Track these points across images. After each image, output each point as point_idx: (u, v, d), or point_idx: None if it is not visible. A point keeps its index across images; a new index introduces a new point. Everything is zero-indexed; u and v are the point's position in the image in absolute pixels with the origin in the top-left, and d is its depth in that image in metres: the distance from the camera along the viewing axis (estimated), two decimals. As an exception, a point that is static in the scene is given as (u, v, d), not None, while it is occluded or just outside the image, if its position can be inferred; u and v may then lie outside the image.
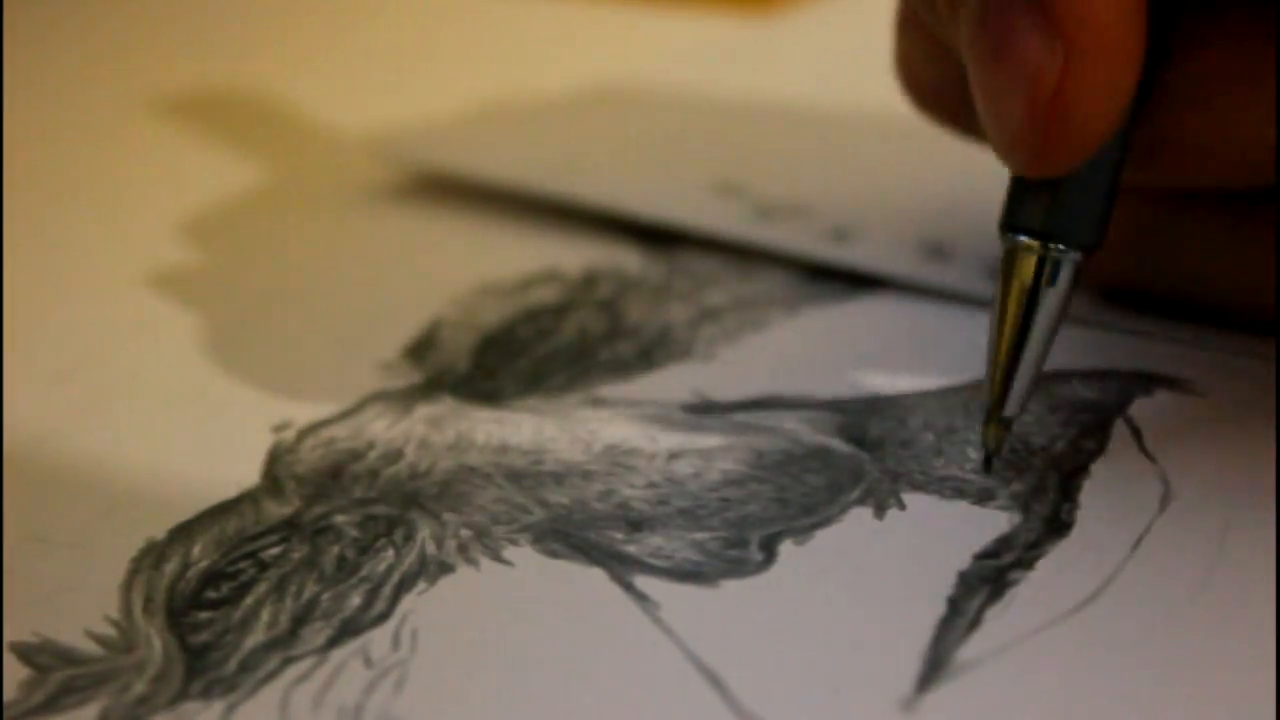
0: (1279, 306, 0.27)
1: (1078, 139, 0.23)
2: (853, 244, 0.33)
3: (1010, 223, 0.25)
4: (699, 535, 0.25)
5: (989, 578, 0.23)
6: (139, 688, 0.22)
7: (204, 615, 0.24)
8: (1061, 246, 0.25)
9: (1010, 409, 0.25)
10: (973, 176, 0.34)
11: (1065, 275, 0.25)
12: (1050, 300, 0.25)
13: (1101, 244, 0.25)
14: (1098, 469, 0.26)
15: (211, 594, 0.24)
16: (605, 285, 0.33)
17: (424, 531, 0.25)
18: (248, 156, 0.42)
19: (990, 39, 0.23)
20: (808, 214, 0.34)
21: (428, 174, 0.38)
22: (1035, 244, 0.25)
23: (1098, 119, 0.23)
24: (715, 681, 0.22)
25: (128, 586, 0.24)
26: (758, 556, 0.24)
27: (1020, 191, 0.25)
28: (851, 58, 0.43)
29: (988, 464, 0.26)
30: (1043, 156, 0.24)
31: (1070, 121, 0.23)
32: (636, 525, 0.25)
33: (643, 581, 0.24)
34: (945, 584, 0.23)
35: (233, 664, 0.23)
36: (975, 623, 0.22)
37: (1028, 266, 0.25)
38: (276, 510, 0.26)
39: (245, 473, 0.27)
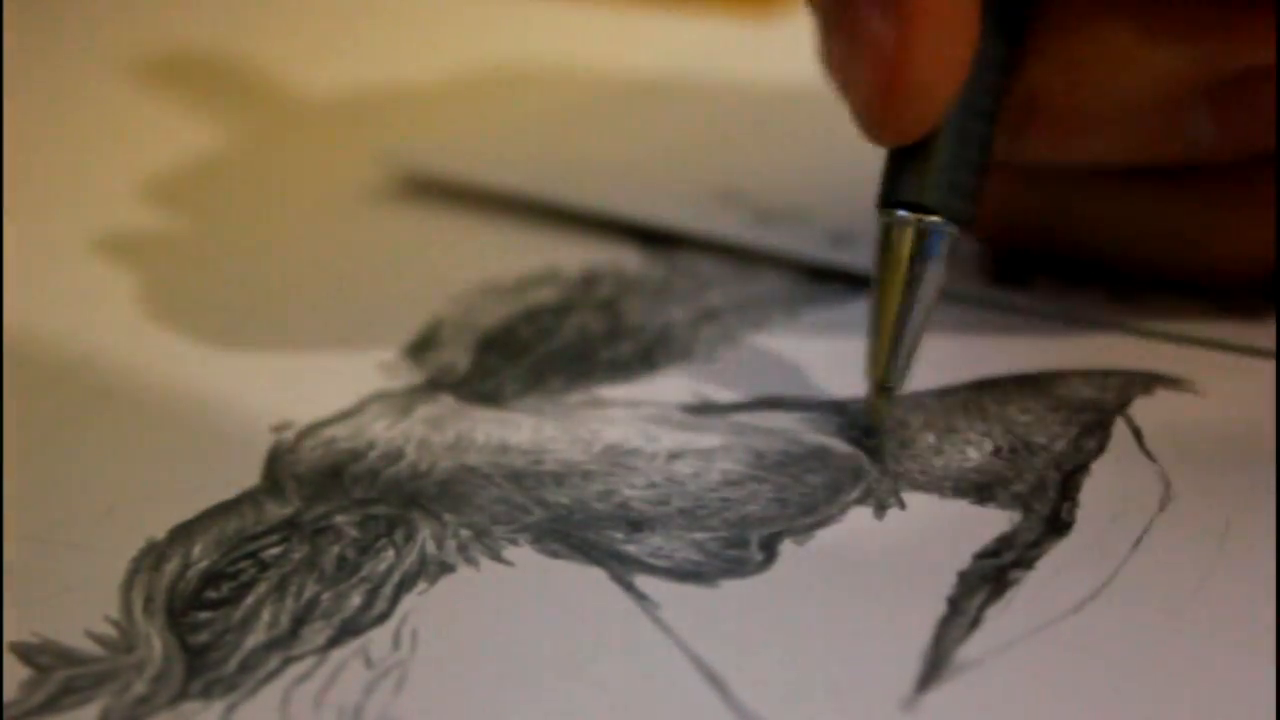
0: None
1: (919, 106, 0.25)
2: (852, 247, 0.33)
3: (886, 199, 0.26)
4: (699, 535, 0.25)
5: (989, 577, 0.23)
6: (139, 688, 0.22)
7: (204, 615, 0.24)
8: (937, 219, 0.26)
9: (894, 380, 0.26)
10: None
11: (942, 248, 0.26)
12: (929, 273, 0.26)
13: (974, 217, 0.26)
14: (1098, 468, 0.26)
15: (212, 594, 0.24)
16: (605, 285, 0.33)
17: (424, 531, 0.25)
18: (248, 157, 0.42)
19: (833, 10, 0.25)
20: (807, 218, 0.34)
21: (430, 181, 0.38)
22: (911, 217, 0.26)
23: (936, 86, 0.25)
24: (715, 681, 0.22)
25: (128, 586, 0.24)
26: (758, 556, 0.24)
27: (894, 168, 0.26)
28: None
29: (869, 432, 0.27)
30: (888, 125, 0.25)
31: (910, 89, 0.25)
32: (636, 525, 0.25)
33: (643, 581, 0.24)
34: (945, 583, 0.23)
35: (233, 664, 0.23)
36: (975, 622, 0.22)
37: (904, 241, 0.26)
38: (277, 510, 0.26)
39: (245, 473, 0.27)
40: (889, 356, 0.26)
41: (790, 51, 0.45)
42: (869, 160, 0.37)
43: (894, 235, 0.26)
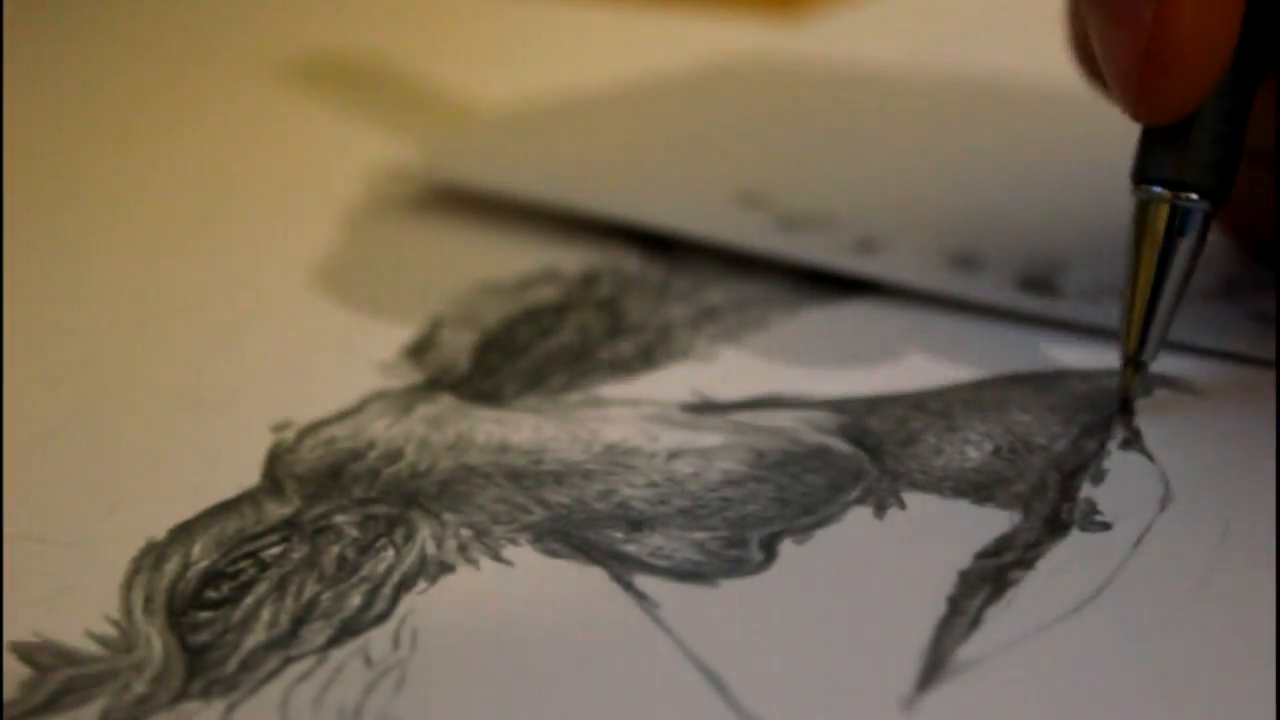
0: None
1: (1180, 81, 0.24)
2: (879, 255, 0.32)
3: (1140, 174, 0.26)
4: (699, 535, 0.25)
5: (989, 577, 0.23)
6: (139, 687, 0.22)
7: (204, 615, 0.24)
8: (1193, 196, 0.25)
9: (1148, 354, 0.26)
10: (1001, 185, 0.34)
11: (1196, 224, 0.26)
12: (1183, 249, 0.26)
13: (1228, 195, 0.26)
14: (1098, 469, 0.26)
15: (212, 594, 0.24)
16: (605, 285, 0.33)
17: (424, 531, 0.25)
18: (248, 158, 0.42)
19: None
20: (832, 224, 0.34)
21: (448, 187, 0.38)
22: (1166, 194, 0.25)
23: (1197, 60, 0.24)
24: (715, 681, 0.22)
25: (128, 586, 0.24)
26: (758, 556, 0.24)
27: (1149, 143, 0.26)
28: (877, 64, 0.43)
29: (1125, 405, 0.27)
30: (1149, 99, 0.25)
31: (1171, 63, 0.24)
32: (636, 525, 0.25)
33: (643, 581, 0.24)
34: (945, 583, 0.23)
35: (233, 664, 0.23)
36: (976, 622, 0.22)
37: (1160, 217, 0.26)
38: (277, 510, 0.26)
39: (245, 472, 0.27)
40: (1141, 331, 0.26)
41: (817, 53, 0.45)
42: (895, 165, 0.37)
43: (1149, 211, 0.26)
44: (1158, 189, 0.26)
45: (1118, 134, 0.28)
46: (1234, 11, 0.24)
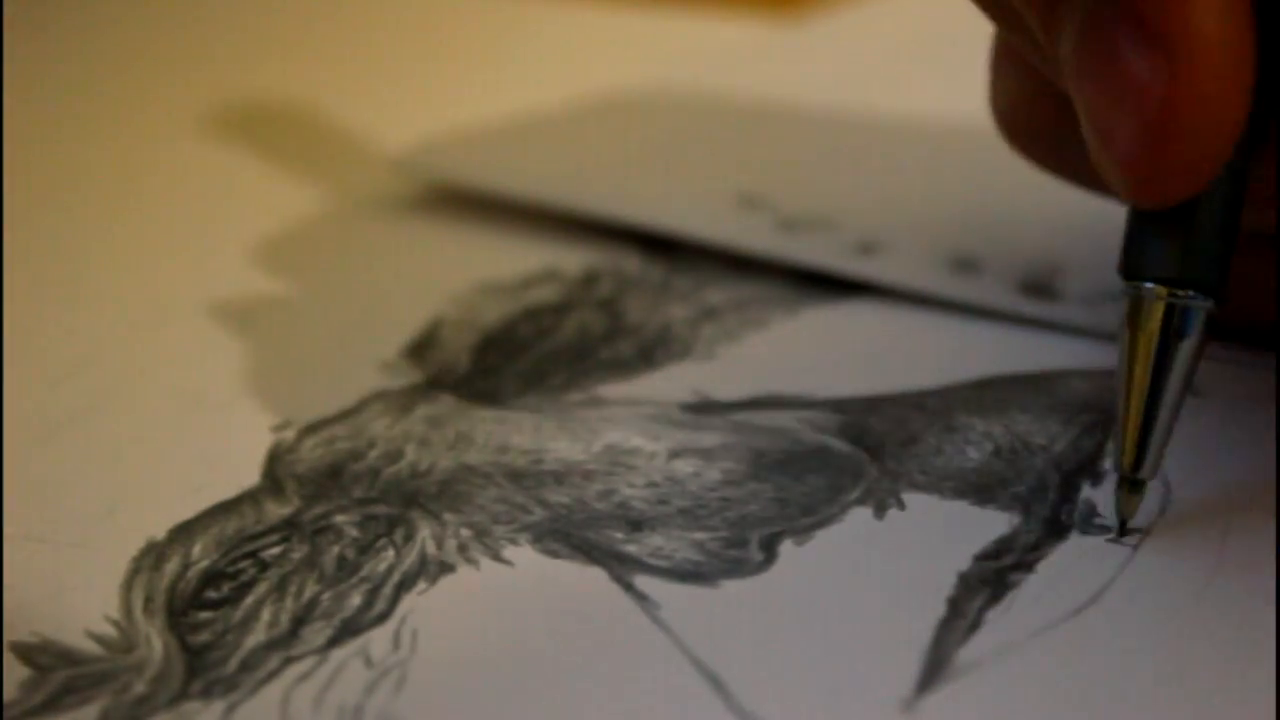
0: None
1: (1191, 159, 0.22)
2: (879, 257, 0.32)
3: (1134, 270, 0.23)
4: (699, 535, 0.25)
5: (989, 579, 0.23)
6: (139, 688, 0.22)
7: (204, 615, 0.24)
8: (1192, 294, 0.23)
9: (1145, 472, 0.24)
10: (1002, 187, 0.34)
11: (1198, 324, 0.23)
12: (1183, 353, 0.23)
13: (1229, 293, 0.23)
14: (1098, 470, 0.26)
15: (212, 594, 0.24)
16: (605, 284, 0.33)
17: (424, 531, 0.25)
18: (248, 158, 0.42)
19: (1092, 59, 0.22)
20: (832, 226, 0.34)
21: (448, 187, 0.38)
22: (1164, 291, 0.23)
23: (1210, 136, 0.22)
24: (715, 681, 0.22)
25: (128, 586, 0.24)
26: (758, 556, 0.24)
27: (1142, 235, 0.23)
28: (878, 65, 0.43)
29: (1123, 530, 0.24)
30: (1155, 181, 0.22)
31: (1181, 139, 0.22)
32: (637, 525, 0.25)
33: (643, 581, 0.24)
34: (945, 585, 0.23)
35: (233, 664, 0.23)
36: (975, 624, 0.22)
37: (1156, 317, 0.23)
38: (277, 510, 0.26)
39: (245, 472, 0.27)
40: (1138, 446, 0.23)
41: (816, 57, 0.45)
42: (895, 167, 0.36)
43: (1143, 311, 0.23)
44: (1151, 286, 0.23)
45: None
46: (1248, 79, 0.22)
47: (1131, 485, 0.24)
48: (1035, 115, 0.27)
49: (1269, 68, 0.22)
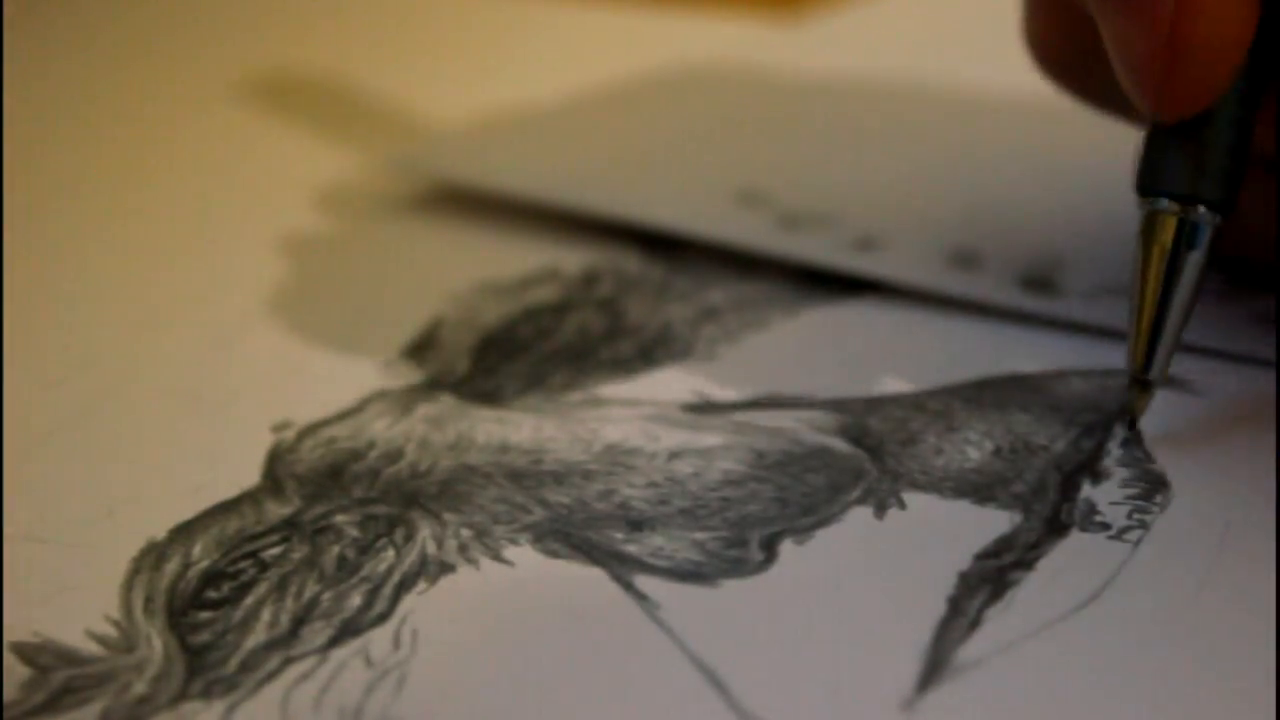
0: None
1: (1201, 76, 0.24)
2: (879, 253, 0.32)
3: (1148, 185, 0.25)
4: (699, 535, 0.25)
5: (989, 578, 0.23)
6: (139, 688, 0.22)
7: (204, 615, 0.24)
8: (1201, 209, 0.25)
9: (1154, 373, 0.25)
10: (1002, 183, 0.34)
11: (1205, 238, 0.25)
12: (1191, 264, 0.25)
13: (1235, 208, 0.25)
14: (1098, 469, 0.26)
15: (212, 594, 0.24)
16: (605, 284, 0.33)
17: (424, 531, 0.25)
18: (248, 159, 0.42)
19: None
20: (832, 223, 0.34)
21: (447, 187, 0.38)
22: (1176, 207, 0.25)
23: (1217, 55, 0.24)
24: (715, 681, 0.22)
25: (128, 586, 0.24)
26: (758, 556, 0.24)
27: (1156, 153, 0.25)
28: (878, 62, 0.43)
29: (1132, 425, 0.26)
30: (1168, 95, 0.24)
31: (1191, 55, 0.24)
32: (637, 525, 0.25)
33: (643, 581, 0.24)
34: (946, 584, 0.23)
35: (233, 664, 0.23)
36: (976, 623, 0.22)
37: (1168, 230, 0.25)
38: (277, 510, 0.26)
39: (246, 472, 0.27)
40: (1148, 348, 0.25)
41: (816, 55, 0.45)
42: (895, 164, 0.36)
43: (1157, 224, 0.25)
44: (1165, 201, 0.25)
45: (1119, 134, 0.28)
46: (1253, 3, 0.24)
47: (1141, 386, 0.26)
48: (1066, 42, 0.29)
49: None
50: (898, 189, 0.35)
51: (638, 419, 0.28)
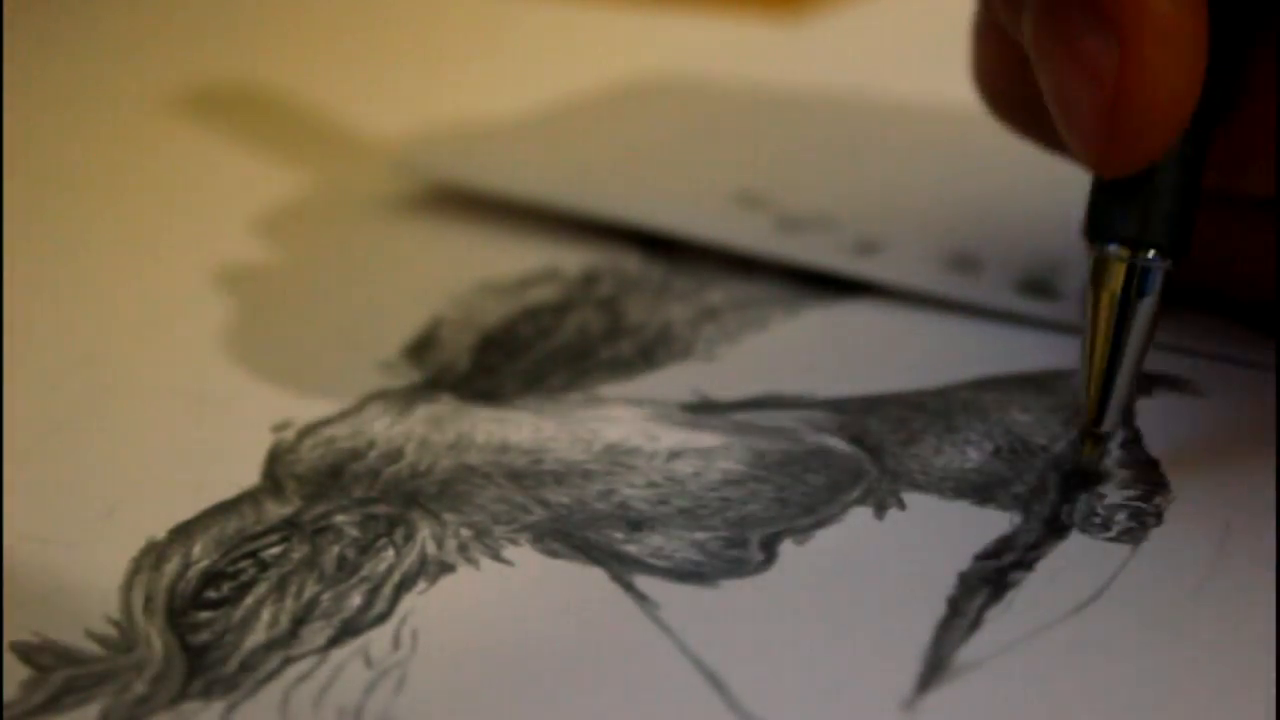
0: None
1: (1146, 132, 0.23)
2: (878, 256, 0.32)
3: (1097, 231, 0.25)
4: (699, 535, 0.25)
5: (989, 578, 0.23)
6: (139, 687, 0.22)
7: (204, 615, 0.24)
8: (1152, 254, 0.24)
9: (1108, 425, 0.25)
10: (1001, 185, 0.34)
11: (1156, 283, 0.24)
12: (1143, 310, 0.24)
13: (1189, 250, 0.25)
14: (1098, 470, 0.26)
15: (212, 594, 0.24)
16: (605, 284, 0.33)
17: (424, 531, 0.25)
18: (246, 158, 0.42)
19: (1050, 39, 0.23)
20: (831, 225, 0.34)
21: (447, 188, 0.38)
22: (1125, 252, 0.24)
23: (1163, 111, 0.23)
24: (715, 681, 0.22)
25: (128, 586, 0.24)
26: (758, 556, 0.24)
27: (1105, 199, 0.25)
28: (877, 64, 0.43)
29: (1086, 479, 0.25)
30: (1114, 154, 0.23)
31: (1136, 115, 0.23)
32: (637, 525, 0.25)
33: (643, 581, 0.24)
34: (945, 584, 0.23)
35: (233, 664, 0.23)
36: (975, 623, 0.22)
37: (1118, 276, 0.24)
38: (277, 510, 0.26)
39: (245, 472, 0.27)
40: (1100, 401, 0.25)
41: (816, 55, 0.45)
42: (894, 166, 0.36)
43: (1106, 270, 0.24)
44: (1114, 247, 0.24)
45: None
46: (1200, 55, 0.23)
47: (1094, 439, 0.25)
48: (1015, 83, 0.28)
49: (1225, 39, 0.24)
50: (897, 192, 0.35)
51: (638, 419, 0.28)
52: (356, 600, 0.24)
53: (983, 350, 0.29)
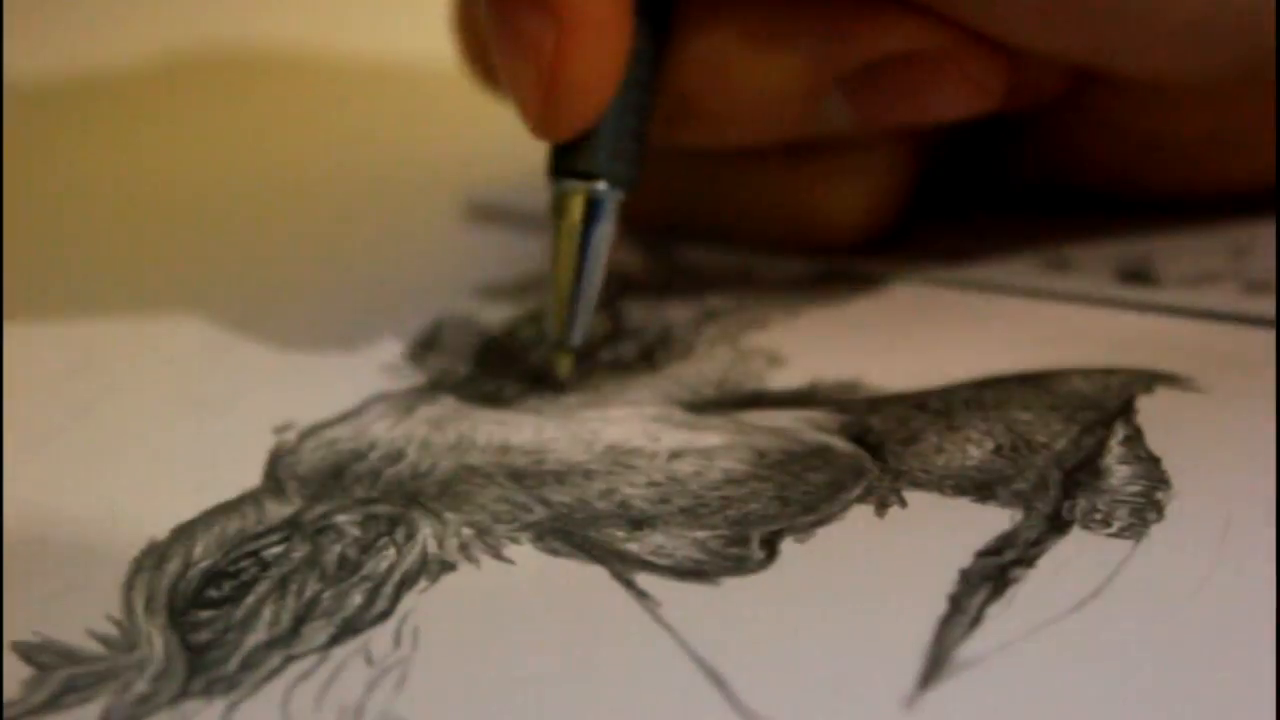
0: None
1: (578, 107, 0.27)
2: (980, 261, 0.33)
3: (556, 169, 0.28)
4: (700, 533, 0.25)
5: (990, 575, 0.23)
6: (140, 686, 0.22)
7: (205, 614, 0.24)
8: (604, 185, 0.28)
9: (575, 339, 0.29)
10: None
11: (611, 210, 0.28)
12: (599, 234, 0.28)
13: (637, 182, 0.28)
14: (1099, 466, 0.26)
15: (213, 593, 0.24)
16: (606, 285, 0.33)
17: (425, 530, 0.25)
18: (248, 157, 0.42)
19: (497, 18, 0.27)
20: None
21: (500, 212, 0.38)
22: (582, 185, 0.28)
23: (593, 87, 0.27)
24: (716, 679, 0.22)
25: (129, 586, 0.24)
26: (759, 555, 0.24)
27: (564, 144, 0.28)
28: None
29: (557, 385, 0.29)
30: (550, 122, 0.27)
31: (569, 90, 0.27)
32: (638, 524, 0.25)
33: (644, 580, 0.24)
34: (947, 581, 0.23)
35: (234, 662, 0.23)
36: (977, 620, 0.22)
37: (576, 206, 0.28)
38: (278, 510, 0.26)
39: (247, 473, 0.27)
40: (568, 315, 0.28)
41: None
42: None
43: (567, 202, 0.28)
44: (571, 181, 0.28)
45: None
46: (623, 30, 0.27)
47: (563, 349, 0.29)
48: (481, 45, 0.33)
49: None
50: None
51: (639, 419, 0.28)
52: (358, 599, 0.24)
53: (984, 349, 0.29)
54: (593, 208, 0.28)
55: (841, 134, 0.30)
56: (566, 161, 0.28)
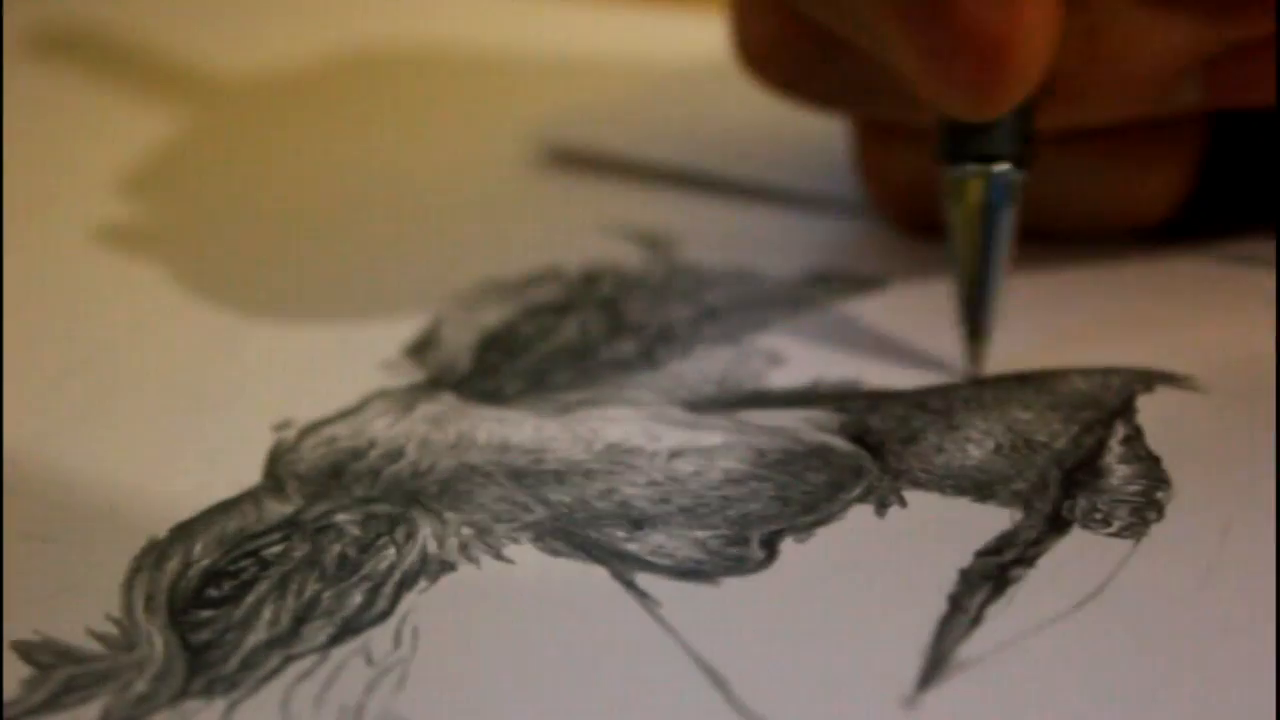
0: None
1: (1025, 83, 0.26)
2: None
3: (953, 154, 0.28)
4: (700, 533, 0.25)
5: (990, 575, 0.23)
6: (140, 686, 0.22)
7: (205, 613, 0.24)
8: (1006, 166, 0.27)
9: (989, 328, 0.28)
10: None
11: (1013, 193, 0.27)
12: (1005, 217, 0.27)
13: (1032, 163, 0.28)
14: (1099, 466, 0.26)
15: (213, 592, 0.24)
16: (606, 284, 0.33)
17: (425, 530, 0.25)
18: (248, 155, 0.42)
19: (927, 6, 0.26)
20: None
21: (583, 155, 0.38)
22: (982, 168, 0.27)
23: (1037, 57, 0.26)
24: (716, 679, 0.22)
25: (129, 585, 0.24)
26: (759, 554, 0.24)
27: (955, 126, 0.27)
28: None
29: (975, 377, 0.28)
30: (994, 100, 0.26)
31: (1019, 70, 0.26)
32: (638, 523, 0.25)
33: (644, 579, 0.24)
34: (946, 581, 0.23)
35: (234, 662, 0.23)
36: (977, 620, 0.22)
37: (977, 191, 0.27)
38: (278, 509, 0.26)
39: (246, 472, 0.27)
40: (978, 302, 0.28)
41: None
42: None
43: (967, 187, 0.27)
44: (972, 165, 0.27)
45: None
46: (1061, 9, 0.26)
47: (976, 339, 0.28)
48: (792, 52, 0.31)
49: None
50: None
51: (639, 419, 0.28)
52: (357, 599, 0.24)
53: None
54: (996, 191, 0.27)
55: (1169, 114, 0.30)
56: (968, 146, 0.27)
